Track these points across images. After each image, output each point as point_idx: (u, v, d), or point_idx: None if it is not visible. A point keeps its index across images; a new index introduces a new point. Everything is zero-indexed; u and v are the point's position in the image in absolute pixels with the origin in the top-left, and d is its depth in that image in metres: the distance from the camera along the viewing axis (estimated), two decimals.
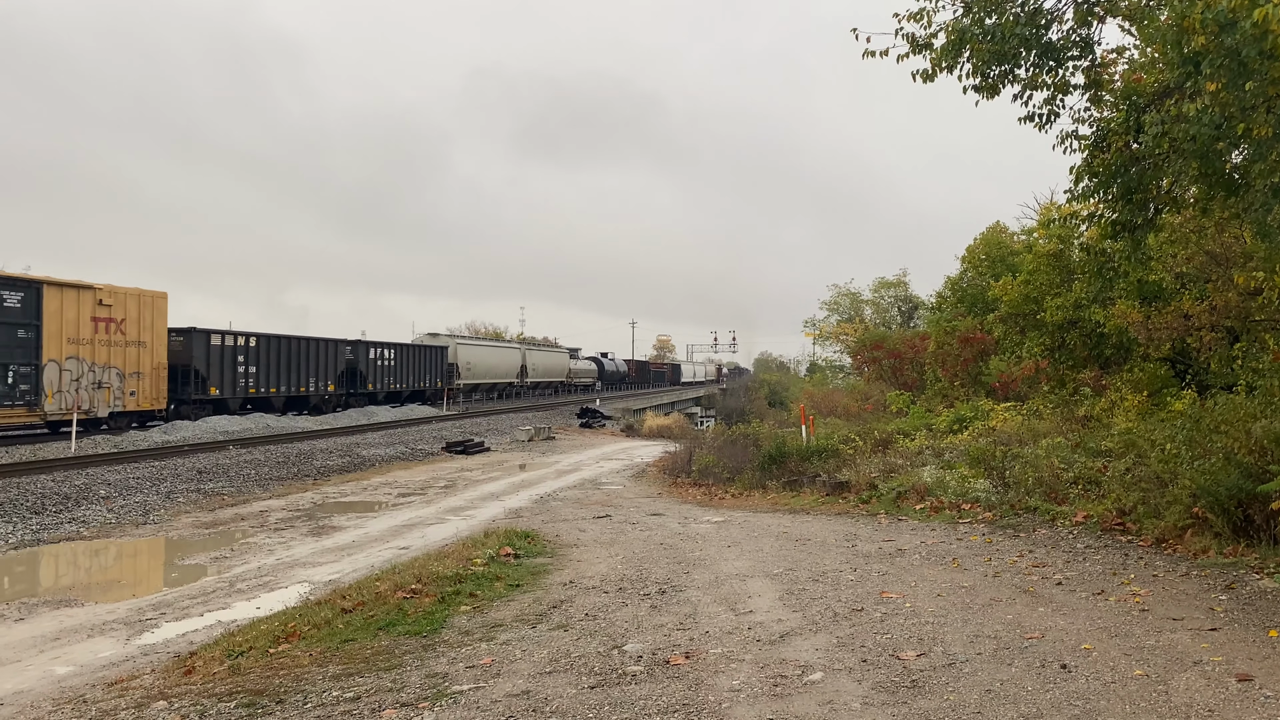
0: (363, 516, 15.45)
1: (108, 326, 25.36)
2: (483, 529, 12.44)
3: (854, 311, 54.80)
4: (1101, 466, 12.26)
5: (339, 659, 6.36)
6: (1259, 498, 8.35)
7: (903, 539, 10.69)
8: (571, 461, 24.79)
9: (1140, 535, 9.80)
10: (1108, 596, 7.42)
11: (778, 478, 16.74)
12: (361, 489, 19.07)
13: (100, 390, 25.07)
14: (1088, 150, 9.66)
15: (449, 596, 8.01)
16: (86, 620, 9.01)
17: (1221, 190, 9.01)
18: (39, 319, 23.06)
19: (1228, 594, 7.29)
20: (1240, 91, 7.10)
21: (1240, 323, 13.38)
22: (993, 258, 30.62)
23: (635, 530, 12.25)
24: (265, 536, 13.51)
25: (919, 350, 32.14)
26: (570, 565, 9.64)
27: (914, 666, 5.69)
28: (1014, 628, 6.54)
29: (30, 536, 13.45)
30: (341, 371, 36.99)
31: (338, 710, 5.27)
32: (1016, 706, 4.95)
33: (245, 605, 9.41)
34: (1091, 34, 9.55)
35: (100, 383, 25.06)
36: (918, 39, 9.28)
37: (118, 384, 25.66)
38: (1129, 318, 15.48)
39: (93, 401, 24.88)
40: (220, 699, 5.64)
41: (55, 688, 6.81)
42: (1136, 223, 10.00)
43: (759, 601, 7.67)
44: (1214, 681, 5.26)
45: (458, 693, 5.46)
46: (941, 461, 15.33)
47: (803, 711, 4.98)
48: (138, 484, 17.69)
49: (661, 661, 5.96)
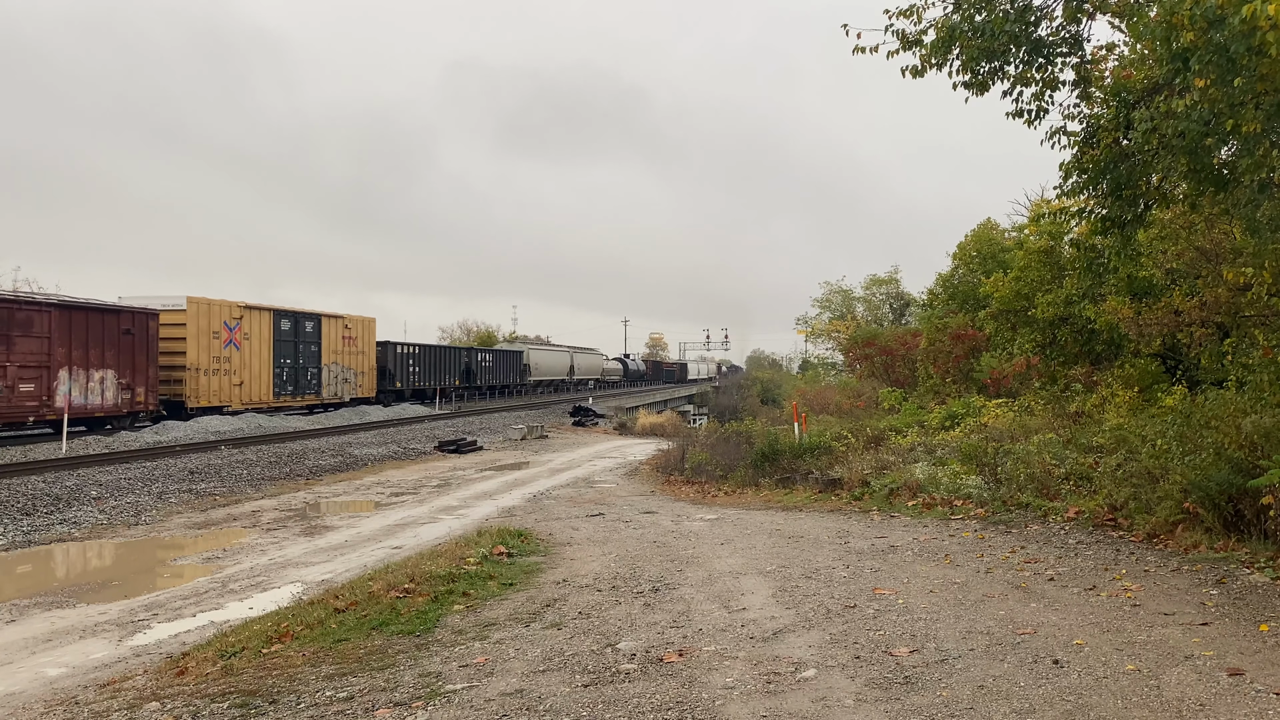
0: (355, 516, 15.42)
1: (349, 342, 38.68)
2: (476, 528, 12.43)
3: (846, 309, 54.84)
4: (1093, 462, 12.31)
5: (332, 659, 6.35)
6: (1249, 492, 8.39)
7: (895, 535, 10.71)
8: (564, 460, 24.78)
9: (1132, 530, 9.84)
10: (1099, 592, 7.44)
11: (770, 475, 16.75)
12: (354, 488, 19.04)
13: (345, 384, 38.43)
14: (1077, 146, 9.69)
15: (442, 595, 8.00)
16: (78, 621, 8.97)
17: (1210, 186, 9.04)
18: (319, 339, 36.35)
19: (1219, 588, 7.32)
20: (1229, 87, 7.13)
21: (1230, 318, 13.43)
22: (984, 254, 30.71)
23: (628, 528, 12.25)
24: (258, 536, 13.47)
25: (911, 347, 32.21)
26: (564, 563, 9.64)
27: (907, 663, 5.71)
28: (1006, 623, 6.56)
29: (21, 538, 13.39)
30: (462, 370, 50.64)
31: (331, 710, 5.26)
32: (1009, 702, 4.97)
33: (238, 605, 9.39)
34: (1081, 30, 9.59)
35: (345, 379, 38.41)
36: (908, 35, 9.30)
37: (353, 379, 39.08)
38: (1120, 314, 15.52)
39: (341, 392, 37.91)
40: (213, 699, 5.62)
41: (47, 689, 6.78)
42: (1126, 218, 10.04)
43: (752, 599, 7.68)
44: (1205, 676, 5.28)
45: (451, 692, 5.45)
46: (934, 458, 15.36)
47: (796, 708, 4.98)
48: (129, 484, 17.62)
49: (655, 659, 5.96)
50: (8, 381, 22.46)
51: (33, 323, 23.38)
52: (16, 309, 23.01)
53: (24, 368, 22.99)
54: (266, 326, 33.37)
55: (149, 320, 27.27)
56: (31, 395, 23.20)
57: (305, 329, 35.44)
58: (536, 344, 70.83)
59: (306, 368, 35.38)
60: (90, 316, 25.18)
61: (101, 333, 25.33)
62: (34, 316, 23.45)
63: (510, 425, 34.95)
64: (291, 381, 34.79)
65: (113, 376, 25.65)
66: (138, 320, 26.78)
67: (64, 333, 24.16)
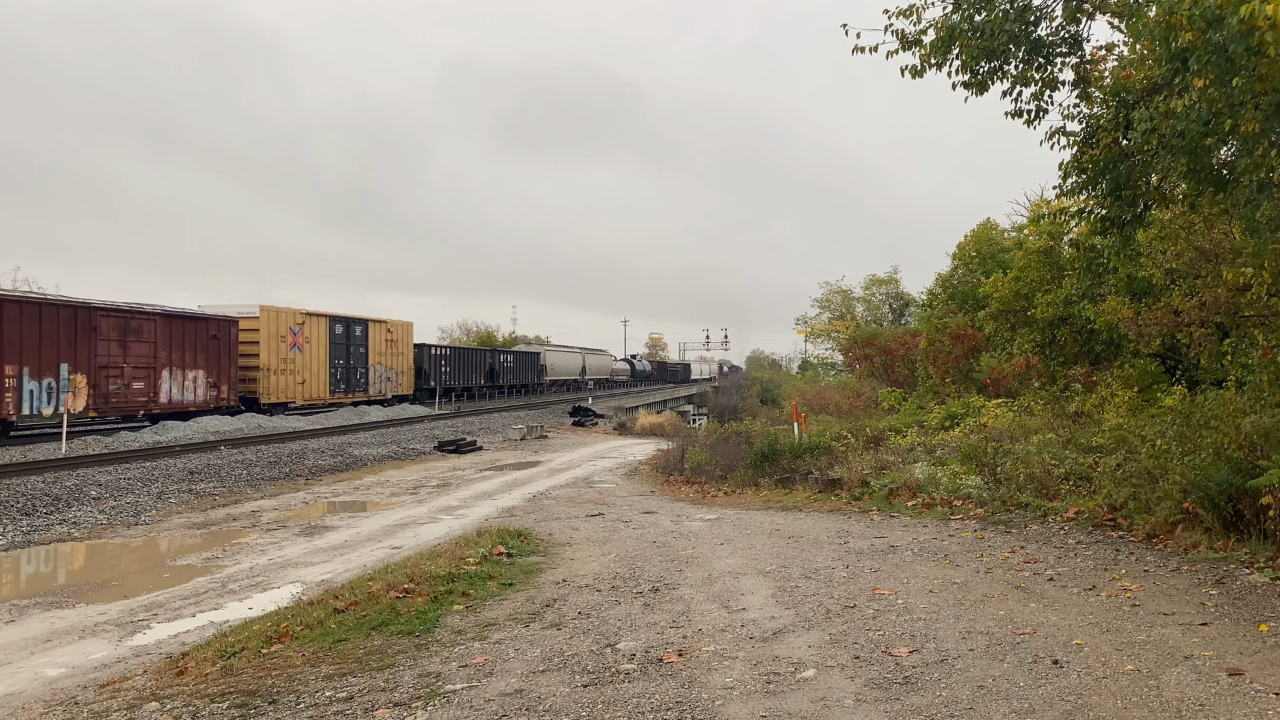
0: (355, 516, 15.41)
1: (390, 344, 42.41)
2: (475, 528, 12.43)
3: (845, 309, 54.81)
4: (1092, 462, 12.30)
5: (332, 659, 6.35)
6: (1249, 492, 8.39)
7: (895, 536, 10.71)
8: (564, 460, 24.78)
9: (1131, 531, 9.84)
10: (1099, 592, 7.45)
11: (770, 475, 16.75)
12: (354, 488, 19.03)
13: (388, 382, 42.17)
14: (1077, 146, 9.69)
15: (442, 596, 8.00)
16: (78, 622, 8.97)
17: (1210, 186, 9.04)
18: (366, 342, 40.09)
19: (1218, 589, 7.32)
20: (1228, 87, 7.13)
21: (1230, 318, 13.43)
22: (983, 254, 30.69)
23: (628, 528, 12.25)
24: (257, 536, 13.47)
25: (910, 347, 32.21)
26: (563, 564, 9.64)
27: (906, 663, 5.71)
28: (1006, 624, 6.56)
29: (21, 538, 13.39)
30: (486, 370, 54.43)
31: (330, 710, 5.26)
32: (1009, 702, 4.97)
33: (237, 605, 9.39)
34: (1080, 30, 9.58)
35: (388, 378, 42.18)
36: (907, 35, 9.30)
37: (395, 378, 42.86)
38: (1119, 314, 15.53)
39: (384, 389, 41.65)
40: (213, 700, 5.62)
41: (46, 690, 6.77)
42: (1126, 219, 10.04)
43: (752, 599, 7.67)
44: (1205, 676, 5.28)
45: (451, 692, 5.45)
46: (933, 458, 15.37)
47: (796, 708, 4.98)
48: (129, 485, 17.62)
49: (655, 659, 5.96)
50: (125, 380, 26.50)
51: (143, 330, 27.25)
52: (131, 318, 26.91)
53: (136, 368, 26.99)
54: (323, 331, 36.97)
55: (230, 327, 31.31)
56: (142, 392, 27.27)
57: (355, 333, 39.41)
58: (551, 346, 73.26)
59: (356, 367, 39.46)
60: (186, 324, 29.14)
61: (194, 338, 29.44)
62: (144, 325, 27.37)
63: (510, 425, 34.94)
64: (344, 380, 38.60)
65: (203, 376, 29.85)
66: (221, 327, 30.80)
67: (166, 338, 28.19)
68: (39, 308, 23.95)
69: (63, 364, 24.23)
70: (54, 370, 23.98)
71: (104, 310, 26.01)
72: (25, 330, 23.16)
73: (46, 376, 23.72)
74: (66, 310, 24.71)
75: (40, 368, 23.53)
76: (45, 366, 23.70)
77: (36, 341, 23.49)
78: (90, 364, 25.15)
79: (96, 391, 25.38)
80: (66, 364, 24.33)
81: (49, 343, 23.89)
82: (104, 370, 25.66)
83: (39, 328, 23.60)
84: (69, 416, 23.94)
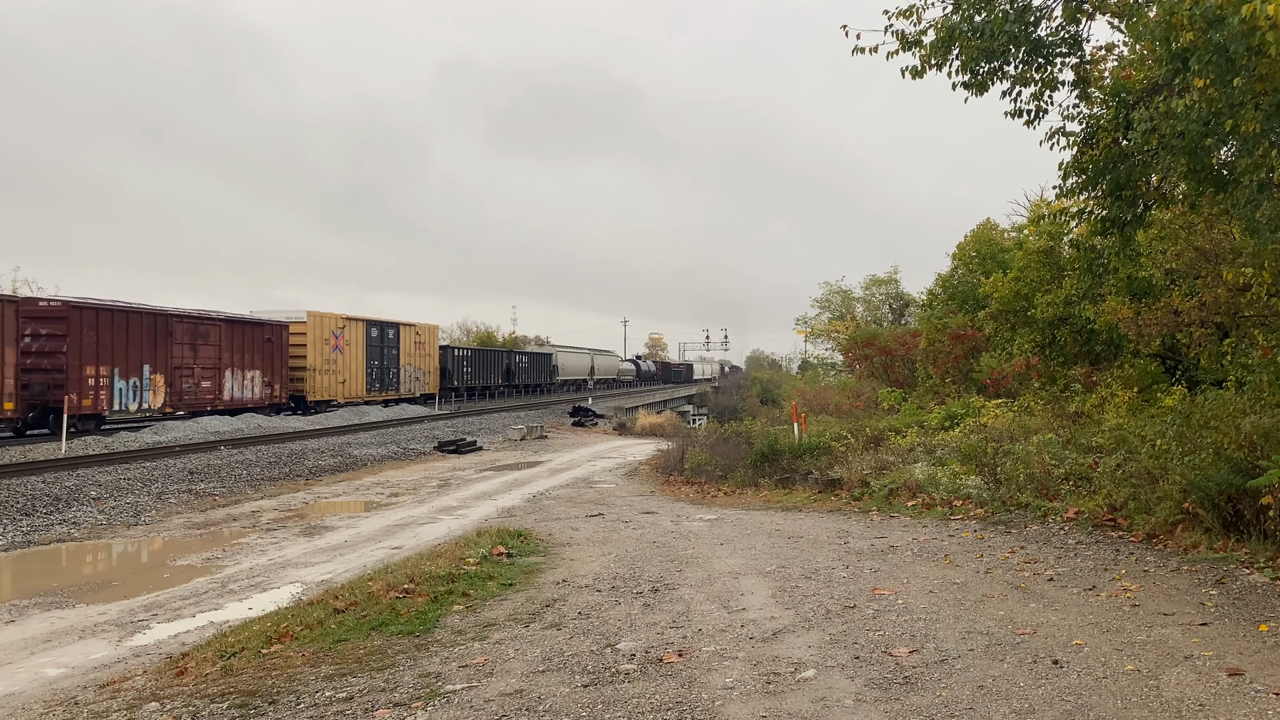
0: (355, 516, 15.41)
1: (419, 346, 45.32)
2: (475, 528, 12.43)
3: (845, 309, 54.78)
4: (1092, 462, 12.30)
5: (332, 659, 6.35)
6: (1249, 493, 8.39)
7: (895, 536, 10.71)
8: (564, 460, 24.78)
9: (1131, 531, 9.84)
10: (1099, 592, 7.44)
11: (770, 475, 16.75)
12: (354, 489, 19.03)
13: (416, 382, 45.09)
14: (1076, 146, 9.68)
15: (442, 596, 8.00)
16: (78, 622, 8.97)
17: (1210, 186, 9.04)
18: (398, 345, 43.01)
19: (1218, 589, 7.32)
20: (1228, 88, 7.13)
21: (1230, 318, 13.43)
22: (983, 254, 30.67)
23: (628, 528, 12.25)
24: (257, 537, 13.47)
25: (910, 347, 32.19)
26: (563, 564, 9.64)
27: (906, 663, 5.71)
28: (1006, 624, 6.56)
29: (20, 538, 13.39)
30: (504, 370, 57.13)
31: (330, 710, 5.26)
32: (1009, 702, 4.97)
33: (237, 606, 9.39)
34: (1080, 31, 9.58)
35: (417, 378, 45.10)
36: (907, 36, 9.30)
37: (422, 378, 45.83)
38: (1119, 314, 15.52)
39: (413, 389, 44.62)
40: (212, 700, 5.62)
41: (46, 690, 6.77)
42: (1126, 219, 10.03)
43: (752, 599, 7.67)
44: (1205, 676, 5.28)
45: (451, 692, 5.45)
46: (933, 458, 15.36)
47: (796, 709, 4.98)
48: (129, 485, 17.62)
49: (655, 660, 5.96)
50: (195, 379, 29.63)
51: (209, 334, 30.30)
52: (199, 324, 30.05)
53: (204, 369, 30.10)
54: (361, 334, 39.89)
55: (282, 331, 34.47)
56: (209, 390, 30.43)
57: (389, 336, 42.27)
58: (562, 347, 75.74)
59: (389, 368, 42.29)
60: (244, 328, 32.15)
61: (252, 341, 32.37)
62: (210, 329, 30.42)
63: (510, 425, 34.95)
64: (379, 380, 41.33)
65: (259, 376, 32.80)
66: (274, 331, 33.88)
67: (229, 341, 31.17)
68: (126, 315, 26.66)
69: (145, 365, 27.24)
70: (138, 371, 26.98)
71: (178, 316, 29.06)
72: (115, 335, 25.92)
73: (132, 376, 26.68)
74: (148, 317, 27.62)
75: (127, 368, 26.43)
76: (131, 367, 26.62)
77: (124, 345, 26.26)
78: (167, 365, 28.15)
79: (172, 390, 28.41)
80: (148, 365, 27.36)
81: (134, 346, 26.72)
82: (178, 370, 28.65)
83: (126, 333, 26.37)
84: (149, 412, 27.52)
